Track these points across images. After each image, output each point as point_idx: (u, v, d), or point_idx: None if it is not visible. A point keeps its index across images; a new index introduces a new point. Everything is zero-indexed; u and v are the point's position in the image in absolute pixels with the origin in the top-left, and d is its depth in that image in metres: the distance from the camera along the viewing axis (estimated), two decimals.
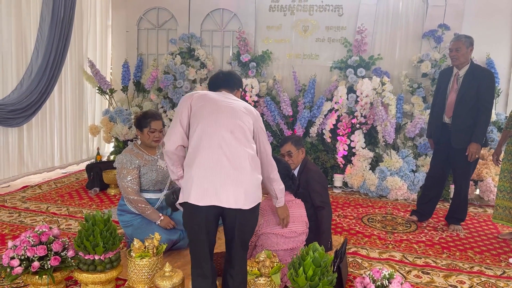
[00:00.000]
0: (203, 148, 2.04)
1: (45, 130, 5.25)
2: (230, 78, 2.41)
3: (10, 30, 4.58)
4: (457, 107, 3.65)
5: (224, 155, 2.02)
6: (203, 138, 2.05)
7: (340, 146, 5.17)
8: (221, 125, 2.07)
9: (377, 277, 2.08)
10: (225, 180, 1.99)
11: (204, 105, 2.15)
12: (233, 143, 2.05)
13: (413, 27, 5.34)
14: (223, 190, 1.98)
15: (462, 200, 3.87)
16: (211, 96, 2.21)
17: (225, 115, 2.12)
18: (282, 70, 5.76)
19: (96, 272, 2.41)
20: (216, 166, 2.00)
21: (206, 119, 2.09)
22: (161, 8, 6.17)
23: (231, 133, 2.07)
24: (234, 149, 2.04)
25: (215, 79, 2.41)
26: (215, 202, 1.98)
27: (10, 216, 3.86)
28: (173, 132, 2.14)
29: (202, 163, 2.02)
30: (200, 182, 1.99)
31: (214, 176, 1.99)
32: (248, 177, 2.04)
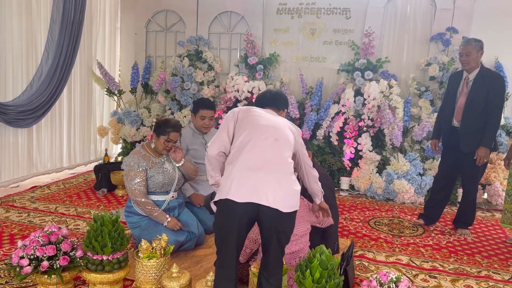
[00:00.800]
0: (247, 149, 2.11)
1: (54, 131, 5.30)
2: (277, 98, 2.48)
3: (21, 32, 4.63)
4: (466, 111, 3.64)
5: (267, 158, 2.09)
6: (248, 141, 2.13)
7: (347, 149, 5.16)
8: (266, 132, 2.16)
9: (384, 280, 2.08)
10: (266, 180, 2.04)
11: (251, 115, 2.24)
12: (277, 149, 2.13)
13: (420, 30, 5.32)
14: (263, 189, 2.02)
15: (470, 204, 3.85)
16: (255, 110, 2.30)
17: (270, 126, 2.20)
18: (289, 72, 5.77)
19: (104, 272, 2.43)
20: (258, 167, 2.06)
21: (252, 126, 2.18)
22: (170, 11, 6.21)
23: (276, 140, 2.14)
24: (277, 155, 2.12)
25: (262, 98, 2.48)
26: (254, 200, 2.01)
27: (19, 216, 3.90)
28: (218, 139, 2.21)
29: (245, 162, 2.08)
30: (241, 179, 2.04)
31: (256, 175, 2.05)
32: (288, 182, 2.10)
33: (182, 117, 5.82)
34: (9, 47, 4.50)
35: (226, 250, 2.09)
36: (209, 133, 3.76)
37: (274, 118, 2.29)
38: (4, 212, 3.99)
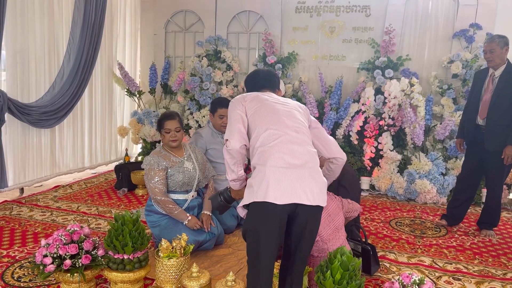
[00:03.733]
0: (275, 147, 2.04)
1: (76, 132, 5.38)
2: (271, 77, 2.39)
3: (43, 35, 4.72)
4: (492, 108, 3.55)
5: (297, 153, 2.03)
6: (272, 138, 2.05)
7: (367, 148, 5.10)
8: (286, 126, 2.09)
9: (406, 282, 2.04)
10: (302, 177, 2.00)
11: (261, 107, 2.16)
12: (301, 143, 2.08)
13: (443, 27, 5.22)
14: (302, 187, 1.98)
15: (495, 205, 3.76)
16: (263, 97, 2.21)
17: (286, 116, 2.14)
18: (308, 71, 5.73)
19: (125, 271, 2.45)
20: (291, 164, 2.00)
21: (270, 120, 2.10)
22: (188, 11, 6.25)
23: (297, 133, 2.09)
24: (304, 147, 2.07)
25: (256, 79, 2.37)
26: (295, 200, 1.96)
27: (42, 215, 3.98)
28: (236, 132, 2.10)
29: (277, 161, 2.00)
30: (277, 180, 1.97)
31: (291, 173, 1.99)
32: (319, 174, 2.07)
33: (201, 117, 5.85)
34: (32, 49, 4.59)
35: (263, 255, 1.99)
36: None
37: (284, 104, 2.22)
38: (28, 211, 4.08)
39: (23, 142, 4.56)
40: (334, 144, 2.33)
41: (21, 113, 4.32)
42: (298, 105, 2.27)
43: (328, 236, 2.55)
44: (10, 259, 3.03)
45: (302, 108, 2.28)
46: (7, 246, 3.26)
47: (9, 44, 4.30)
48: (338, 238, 2.63)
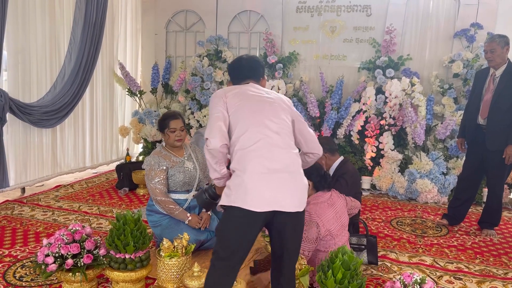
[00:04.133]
0: (255, 151, 1.97)
1: (77, 131, 5.39)
2: (255, 66, 2.27)
3: (45, 34, 4.72)
4: (493, 108, 3.55)
5: (277, 157, 1.98)
6: (252, 141, 1.98)
7: (368, 148, 5.10)
8: (267, 127, 2.02)
9: (408, 281, 2.04)
10: (282, 183, 1.95)
11: (242, 104, 2.07)
12: (282, 146, 2.01)
13: (444, 26, 5.22)
14: (282, 194, 1.94)
15: (496, 204, 3.76)
16: (246, 93, 2.12)
17: (268, 116, 2.06)
18: (309, 71, 5.73)
19: (126, 270, 2.46)
20: (270, 169, 1.95)
21: (251, 120, 2.03)
22: (189, 11, 6.25)
23: (279, 135, 2.02)
24: (284, 152, 2.01)
25: (239, 69, 2.26)
26: (274, 207, 1.92)
27: (44, 215, 3.99)
28: (217, 130, 2.00)
29: (256, 167, 1.94)
30: (257, 188, 1.92)
31: (270, 179, 1.94)
32: (300, 178, 2.02)
33: (202, 116, 5.85)
34: (33, 49, 4.59)
35: (236, 258, 1.98)
36: None
37: (267, 99, 2.11)
38: (30, 210, 4.08)
39: (25, 141, 4.57)
40: (313, 139, 2.26)
41: (23, 113, 4.33)
42: (281, 99, 2.17)
43: (336, 231, 2.61)
44: (12, 258, 3.04)
45: (285, 102, 2.18)
46: (8, 245, 3.26)
47: (10, 44, 4.31)
48: (344, 235, 2.68)
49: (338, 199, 2.72)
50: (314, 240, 2.55)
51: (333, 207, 2.65)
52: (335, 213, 2.63)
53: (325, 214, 2.58)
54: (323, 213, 2.58)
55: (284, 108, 2.13)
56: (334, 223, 2.60)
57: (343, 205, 2.74)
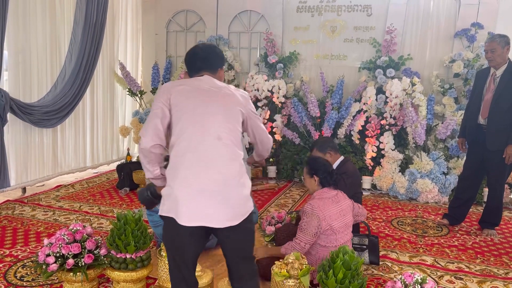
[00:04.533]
0: (188, 160, 1.83)
1: (77, 131, 5.39)
2: (211, 56, 2.06)
3: (45, 34, 4.73)
4: (493, 108, 3.55)
5: (211, 168, 1.83)
6: (189, 147, 1.84)
7: (368, 148, 5.10)
8: (208, 131, 1.86)
9: (409, 281, 2.04)
10: (213, 199, 1.80)
11: (187, 103, 1.89)
12: (222, 153, 1.86)
13: (444, 26, 5.21)
14: (212, 210, 1.80)
15: (496, 204, 3.76)
16: (194, 89, 1.93)
17: (213, 115, 1.89)
18: (310, 71, 5.73)
19: (127, 270, 2.46)
20: (203, 182, 1.81)
21: (191, 123, 1.86)
22: (190, 11, 6.25)
23: (220, 140, 1.86)
24: (222, 161, 1.85)
25: (194, 59, 2.06)
26: (203, 223, 1.81)
27: (45, 215, 3.99)
28: (150, 128, 1.86)
29: (188, 178, 1.82)
30: (186, 201, 1.80)
31: (202, 194, 1.80)
32: (238, 190, 1.86)
33: None
34: (34, 49, 4.59)
35: (183, 270, 1.91)
36: None
37: (216, 98, 1.93)
38: (31, 210, 4.09)
39: (25, 141, 4.57)
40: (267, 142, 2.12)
41: (23, 112, 4.33)
42: (234, 96, 1.97)
43: (339, 228, 2.61)
44: (13, 258, 3.04)
45: (239, 99, 1.97)
46: (9, 245, 3.27)
47: (11, 44, 4.31)
48: (347, 234, 2.69)
49: (344, 199, 2.73)
50: (314, 234, 2.56)
51: (337, 204, 2.66)
52: (339, 211, 2.64)
53: (328, 208, 2.59)
54: (326, 208, 2.59)
55: (236, 106, 1.95)
56: (337, 219, 2.61)
57: (348, 206, 2.74)
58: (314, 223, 2.54)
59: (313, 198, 2.68)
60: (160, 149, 1.88)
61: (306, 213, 2.61)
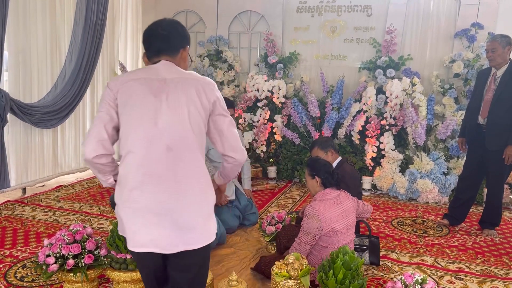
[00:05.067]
0: (133, 177, 1.58)
1: (78, 132, 5.39)
2: (171, 35, 1.71)
3: (45, 35, 4.73)
4: (493, 108, 3.55)
5: (159, 186, 1.57)
6: (134, 160, 1.58)
7: (369, 148, 5.10)
8: (157, 140, 1.56)
9: (409, 281, 2.04)
10: (161, 220, 1.57)
11: (134, 104, 1.59)
12: (173, 167, 1.57)
13: (444, 26, 5.21)
14: (158, 232, 1.57)
15: (496, 204, 3.76)
16: (145, 84, 1.61)
17: (164, 120, 1.57)
18: (310, 71, 5.74)
19: (127, 271, 2.46)
20: (148, 202, 1.57)
21: (138, 128, 1.57)
22: (190, 11, 6.25)
23: (169, 151, 1.57)
24: (172, 177, 1.58)
25: (153, 39, 1.71)
26: (151, 248, 1.59)
27: (45, 215, 3.99)
28: (92, 136, 1.60)
29: (131, 198, 1.57)
30: (132, 224, 1.59)
31: (147, 216, 1.57)
32: (193, 210, 1.60)
33: None
34: (34, 50, 4.60)
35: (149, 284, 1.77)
36: None
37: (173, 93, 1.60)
38: (31, 211, 4.09)
39: (25, 142, 4.57)
40: (232, 138, 1.72)
41: (23, 113, 4.33)
42: (195, 87, 1.63)
43: (341, 229, 2.60)
44: (13, 259, 3.04)
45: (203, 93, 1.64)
46: (9, 246, 3.27)
47: (11, 44, 4.31)
48: (349, 235, 2.69)
49: (346, 200, 2.72)
50: (314, 235, 2.55)
51: (339, 205, 2.65)
52: (341, 212, 2.64)
53: (329, 211, 2.59)
54: (327, 210, 2.58)
55: (197, 103, 1.62)
56: (339, 221, 2.60)
57: (351, 206, 2.73)
58: (315, 225, 2.54)
59: (315, 200, 2.68)
60: (107, 158, 1.63)
61: (307, 214, 2.61)
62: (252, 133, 5.50)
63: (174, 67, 1.69)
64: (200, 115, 1.63)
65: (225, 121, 1.71)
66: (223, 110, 1.71)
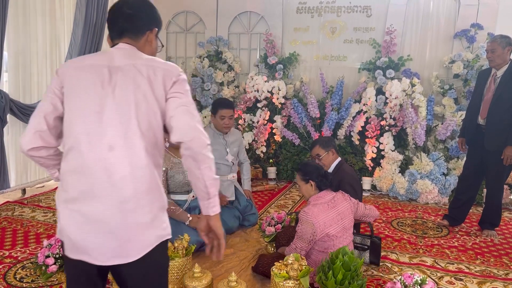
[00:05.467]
0: (71, 179, 1.41)
1: None
2: (141, 15, 1.55)
3: (45, 35, 4.73)
4: (493, 108, 3.55)
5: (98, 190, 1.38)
6: (74, 160, 1.40)
7: (368, 149, 5.10)
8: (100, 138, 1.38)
9: (408, 282, 2.04)
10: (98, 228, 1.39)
11: (79, 94, 1.41)
12: (115, 169, 1.38)
13: (444, 27, 5.22)
14: (92, 240, 1.39)
15: (495, 205, 3.76)
16: (94, 71, 1.43)
17: (109, 115, 1.39)
18: (310, 72, 5.74)
19: None
20: (86, 207, 1.39)
21: (80, 123, 1.40)
22: (190, 12, 6.25)
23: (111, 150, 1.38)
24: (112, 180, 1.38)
25: (116, 17, 1.54)
26: (82, 257, 1.41)
27: (44, 216, 3.99)
28: (31, 126, 1.44)
29: (70, 201, 1.40)
30: (68, 228, 1.41)
31: (83, 222, 1.39)
32: (134, 217, 1.40)
33: (202, 117, 5.85)
34: (34, 50, 4.60)
35: None
36: (229, 133, 3.77)
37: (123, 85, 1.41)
38: (30, 211, 4.09)
39: None
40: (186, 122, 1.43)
41: (23, 114, 4.33)
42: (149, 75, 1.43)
43: (336, 233, 2.56)
44: (13, 259, 3.04)
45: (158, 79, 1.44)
46: (9, 246, 3.27)
47: (11, 45, 4.32)
48: (346, 238, 2.63)
49: (342, 201, 2.67)
50: (309, 241, 2.52)
51: (334, 209, 2.60)
52: (336, 215, 2.59)
53: (322, 215, 2.53)
54: (321, 214, 2.53)
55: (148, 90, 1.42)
56: (333, 225, 2.56)
57: (348, 208, 2.67)
58: (309, 230, 2.50)
59: (308, 204, 2.63)
60: (47, 151, 1.47)
61: (301, 220, 2.55)
62: (252, 134, 5.51)
63: (134, 51, 1.51)
64: (152, 109, 1.42)
65: (175, 101, 1.44)
66: (178, 93, 1.45)
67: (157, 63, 1.47)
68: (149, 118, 1.42)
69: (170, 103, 1.44)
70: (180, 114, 1.43)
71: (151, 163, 1.43)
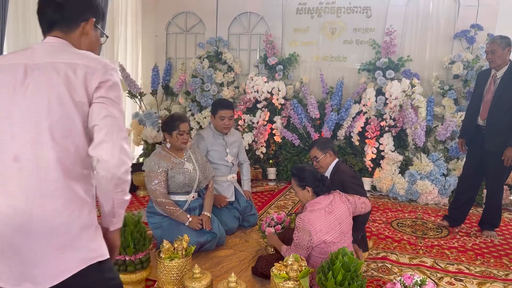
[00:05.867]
0: None
1: None
2: (69, 4, 1.35)
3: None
4: (492, 109, 3.55)
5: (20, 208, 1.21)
6: None
7: (368, 149, 5.10)
8: (8, 147, 1.22)
9: (408, 283, 2.04)
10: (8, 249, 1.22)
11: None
12: (23, 184, 1.21)
13: (444, 27, 5.22)
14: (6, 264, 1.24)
15: (495, 206, 3.75)
16: (8, 72, 1.26)
17: (17, 121, 1.22)
18: (309, 72, 5.74)
19: (127, 272, 2.46)
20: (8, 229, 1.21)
21: None
22: (189, 13, 6.26)
23: (16, 162, 1.22)
24: (18, 196, 1.21)
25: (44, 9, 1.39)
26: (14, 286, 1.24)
27: None
28: None
29: None
30: None
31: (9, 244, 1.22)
32: (56, 236, 1.23)
33: (202, 118, 5.86)
34: None
35: None
36: (229, 134, 3.77)
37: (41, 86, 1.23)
38: None
39: None
40: (109, 137, 1.26)
41: None
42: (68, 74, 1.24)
43: (333, 239, 2.48)
44: None
45: (79, 79, 1.25)
46: None
47: (11, 46, 4.32)
48: (344, 242, 2.56)
49: (339, 205, 2.57)
50: (307, 248, 2.45)
51: (331, 214, 2.51)
52: (333, 220, 2.51)
53: (319, 222, 2.45)
54: (317, 221, 2.45)
55: (64, 92, 1.23)
56: (330, 231, 2.48)
57: (346, 211, 2.59)
58: (305, 237, 2.43)
59: (305, 211, 2.55)
60: None
61: (297, 227, 2.48)
62: (252, 135, 5.51)
63: (63, 46, 1.31)
64: (69, 114, 1.23)
65: (101, 109, 1.25)
66: (105, 98, 1.26)
67: (82, 60, 1.27)
68: (65, 124, 1.23)
69: (95, 110, 1.25)
70: (105, 126, 1.24)
71: (67, 175, 1.25)
